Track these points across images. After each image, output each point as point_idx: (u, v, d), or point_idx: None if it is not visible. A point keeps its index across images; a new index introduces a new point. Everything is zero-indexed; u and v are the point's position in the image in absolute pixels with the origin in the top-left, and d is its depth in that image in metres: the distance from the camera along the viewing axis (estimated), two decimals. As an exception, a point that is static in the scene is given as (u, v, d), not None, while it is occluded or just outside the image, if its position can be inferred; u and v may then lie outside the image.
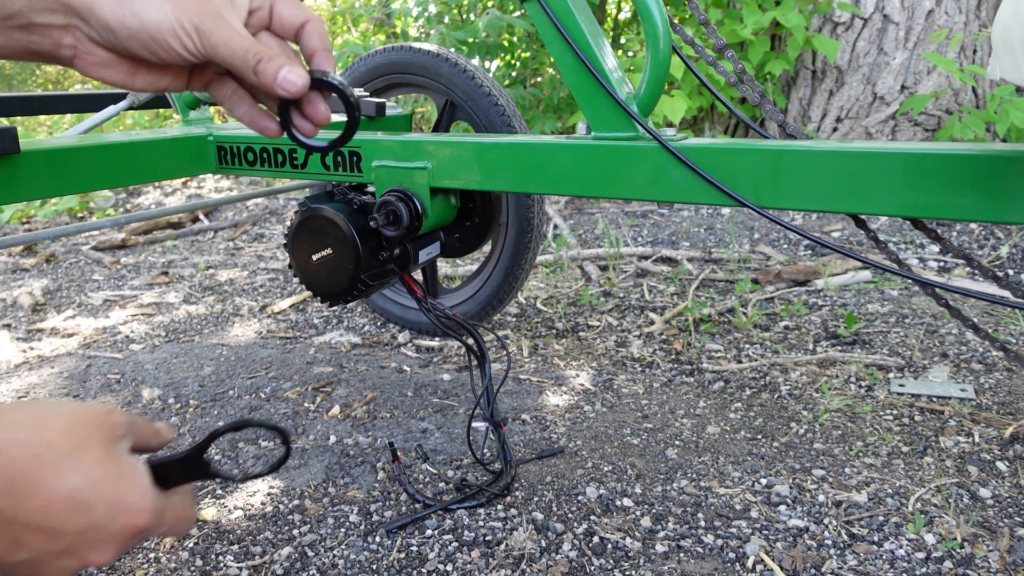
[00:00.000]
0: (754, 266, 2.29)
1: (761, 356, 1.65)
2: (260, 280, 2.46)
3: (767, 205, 0.97)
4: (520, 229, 1.60)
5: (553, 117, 3.45)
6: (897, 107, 3.01)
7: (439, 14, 3.76)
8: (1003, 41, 0.69)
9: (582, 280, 2.26)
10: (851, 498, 1.12)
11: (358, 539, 1.06)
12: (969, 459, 1.22)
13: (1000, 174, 0.84)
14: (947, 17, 2.96)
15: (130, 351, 1.85)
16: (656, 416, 1.40)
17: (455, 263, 2.35)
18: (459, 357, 1.72)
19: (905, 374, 1.53)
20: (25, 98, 1.51)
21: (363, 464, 1.25)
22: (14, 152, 1.11)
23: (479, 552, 1.02)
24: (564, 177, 1.11)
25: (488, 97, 1.54)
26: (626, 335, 1.81)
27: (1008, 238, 2.37)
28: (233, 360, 1.74)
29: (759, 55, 3.05)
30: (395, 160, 1.24)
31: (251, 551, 1.05)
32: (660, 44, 1.06)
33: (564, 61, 1.11)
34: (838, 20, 3.08)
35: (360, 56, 1.76)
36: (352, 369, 1.66)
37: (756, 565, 0.98)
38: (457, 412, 1.44)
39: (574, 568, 0.99)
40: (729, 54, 1.19)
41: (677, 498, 1.13)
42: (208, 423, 1.43)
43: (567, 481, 1.18)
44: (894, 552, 1.00)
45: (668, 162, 1.02)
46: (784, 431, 1.33)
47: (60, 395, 1.59)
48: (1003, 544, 1.00)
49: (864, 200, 0.92)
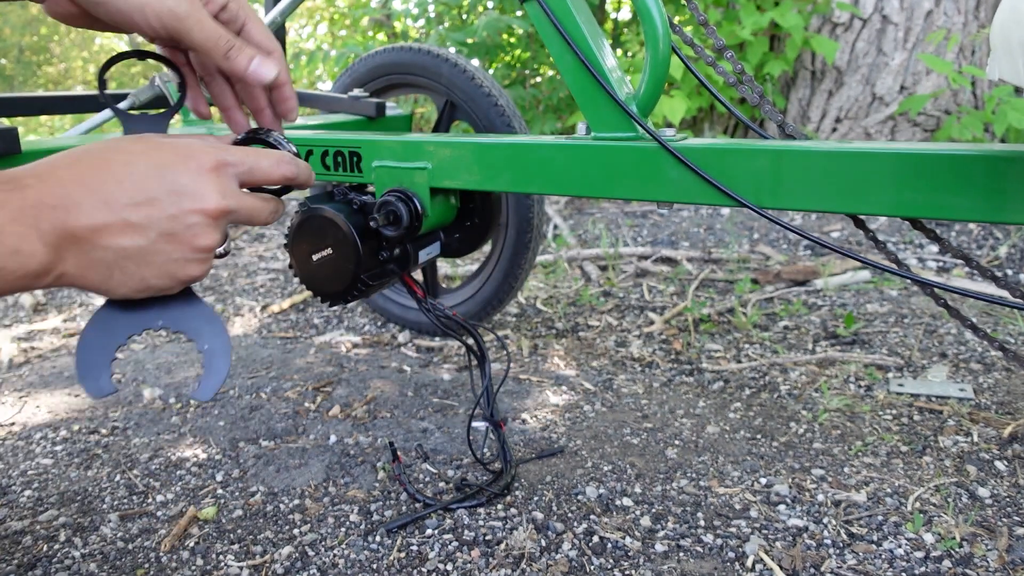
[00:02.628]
0: (754, 266, 2.30)
1: (761, 356, 1.66)
2: (260, 280, 2.46)
3: (766, 205, 0.98)
4: (520, 229, 1.61)
5: (553, 117, 3.46)
6: (896, 107, 3.01)
7: (439, 15, 3.76)
8: (1001, 41, 0.70)
9: (582, 280, 2.26)
10: (850, 497, 1.12)
11: (358, 538, 1.06)
12: (968, 459, 1.22)
13: (999, 174, 0.84)
14: (946, 18, 2.97)
15: (130, 351, 1.85)
16: (656, 416, 1.40)
17: (455, 263, 2.36)
18: (459, 357, 1.72)
19: (904, 374, 1.53)
20: (26, 99, 1.51)
21: (363, 464, 1.26)
22: (15, 152, 1.11)
23: (479, 551, 1.02)
24: (564, 177, 1.11)
25: (488, 97, 1.55)
26: (626, 335, 1.82)
27: (1007, 238, 2.37)
28: (233, 360, 1.75)
29: (758, 56, 3.05)
30: (395, 160, 1.25)
31: (251, 550, 1.05)
32: (659, 44, 1.06)
33: (563, 61, 1.12)
34: (837, 21, 3.08)
35: (360, 56, 1.76)
36: (352, 369, 1.66)
37: (755, 564, 0.99)
38: (457, 412, 1.44)
39: (574, 567, 0.99)
40: (728, 55, 1.19)
41: (677, 498, 1.14)
42: (209, 423, 1.43)
43: (567, 481, 1.18)
44: (893, 551, 1.00)
45: (668, 162, 1.02)
46: (783, 431, 1.33)
47: (60, 395, 1.59)
48: (1002, 543, 1.01)
49: (863, 200, 0.92)
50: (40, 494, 1.21)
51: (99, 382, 0.63)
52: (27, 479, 1.26)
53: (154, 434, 1.40)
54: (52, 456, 1.34)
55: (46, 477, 1.27)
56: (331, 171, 1.32)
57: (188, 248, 0.59)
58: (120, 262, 0.56)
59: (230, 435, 1.38)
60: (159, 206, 0.56)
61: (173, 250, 0.58)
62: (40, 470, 1.29)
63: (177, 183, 0.57)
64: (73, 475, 1.27)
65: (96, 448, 1.36)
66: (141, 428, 1.43)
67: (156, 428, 1.42)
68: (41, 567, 1.03)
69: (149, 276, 0.59)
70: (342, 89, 1.77)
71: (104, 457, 1.32)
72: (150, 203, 0.56)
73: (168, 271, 0.59)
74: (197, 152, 0.59)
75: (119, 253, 0.56)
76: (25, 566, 1.03)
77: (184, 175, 0.58)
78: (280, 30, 1.82)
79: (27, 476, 1.27)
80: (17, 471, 1.29)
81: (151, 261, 0.58)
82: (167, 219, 0.57)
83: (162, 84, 1.55)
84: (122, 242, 0.56)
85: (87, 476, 1.26)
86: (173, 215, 0.57)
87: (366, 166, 1.29)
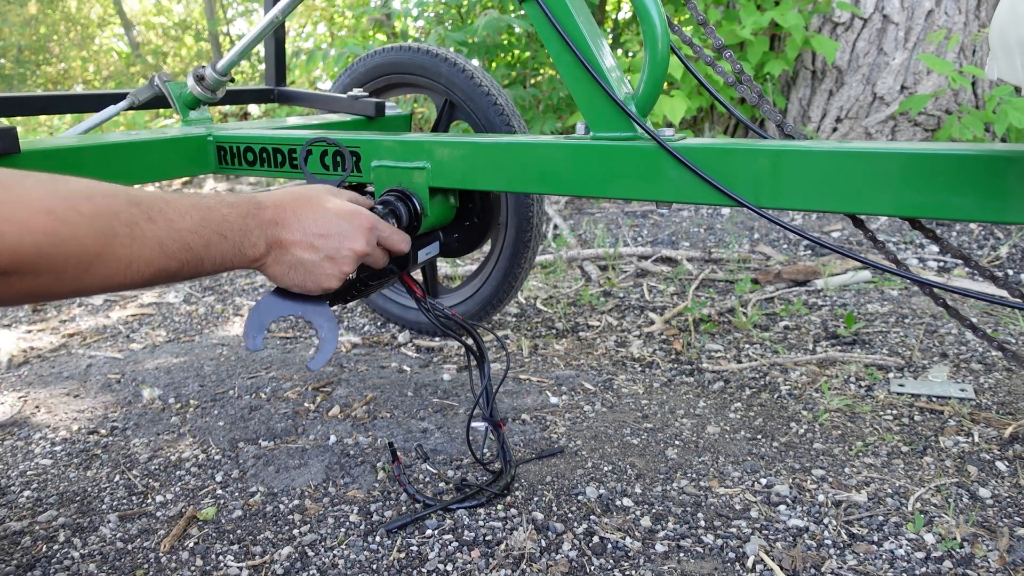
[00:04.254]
0: (754, 266, 2.29)
1: (761, 356, 1.65)
2: (260, 280, 2.46)
3: (766, 205, 0.97)
4: (519, 229, 1.60)
5: (552, 117, 3.46)
6: (897, 107, 3.01)
7: (439, 15, 3.76)
8: (1001, 41, 0.70)
9: (582, 280, 2.26)
10: (851, 498, 1.12)
11: (358, 539, 1.06)
12: (969, 459, 1.22)
13: (999, 174, 0.84)
14: (947, 17, 2.97)
15: (130, 351, 1.85)
16: (656, 416, 1.40)
17: (455, 263, 2.35)
18: (459, 357, 1.72)
19: (905, 374, 1.53)
20: (25, 98, 1.51)
21: (363, 464, 1.26)
22: (14, 152, 1.11)
23: (479, 552, 1.02)
24: (563, 177, 1.11)
25: (487, 97, 1.55)
26: (626, 335, 1.81)
27: (1007, 238, 2.37)
28: (233, 360, 1.74)
29: (758, 55, 3.05)
30: (394, 160, 1.25)
31: (251, 551, 1.05)
32: (659, 44, 1.06)
33: (563, 61, 1.12)
34: (838, 20, 3.08)
35: (360, 56, 1.76)
36: (352, 369, 1.66)
37: (756, 565, 0.98)
38: (457, 412, 1.44)
39: (574, 568, 0.99)
40: (728, 54, 1.19)
41: (677, 498, 1.14)
42: (208, 423, 1.43)
43: (567, 481, 1.18)
44: (894, 552, 1.00)
45: (667, 162, 1.02)
46: (784, 431, 1.33)
47: (60, 395, 1.59)
48: (1003, 544, 1.01)
49: (863, 200, 0.92)
50: (39, 494, 1.21)
51: (256, 340, 0.96)
52: (26, 479, 1.26)
53: (153, 434, 1.40)
54: (51, 456, 1.34)
55: (45, 477, 1.27)
56: (330, 171, 1.32)
57: (337, 269, 0.93)
58: (297, 266, 0.91)
59: (230, 435, 1.37)
60: (331, 240, 0.92)
61: (328, 268, 0.92)
62: (39, 470, 1.29)
63: (344, 228, 0.93)
64: (72, 475, 1.27)
65: (95, 448, 1.36)
66: (140, 428, 1.42)
67: (156, 428, 1.42)
68: (40, 568, 1.02)
69: (308, 280, 0.93)
70: (341, 89, 1.77)
71: (103, 457, 1.32)
72: (327, 237, 0.91)
73: (319, 280, 0.93)
74: (361, 214, 0.96)
75: (299, 260, 0.91)
76: (24, 567, 1.03)
77: (350, 226, 0.94)
78: (280, 29, 1.82)
79: (26, 476, 1.27)
80: (16, 471, 1.29)
81: (313, 271, 0.92)
82: (333, 249, 0.92)
83: (161, 84, 1.55)
84: (303, 255, 0.91)
85: (86, 476, 1.26)
86: (336, 247, 0.92)
87: (365, 166, 1.28)
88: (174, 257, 0.75)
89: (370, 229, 0.96)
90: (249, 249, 0.85)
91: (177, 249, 0.75)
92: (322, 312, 0.99)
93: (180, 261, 0.76)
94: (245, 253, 0.85)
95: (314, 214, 0.91)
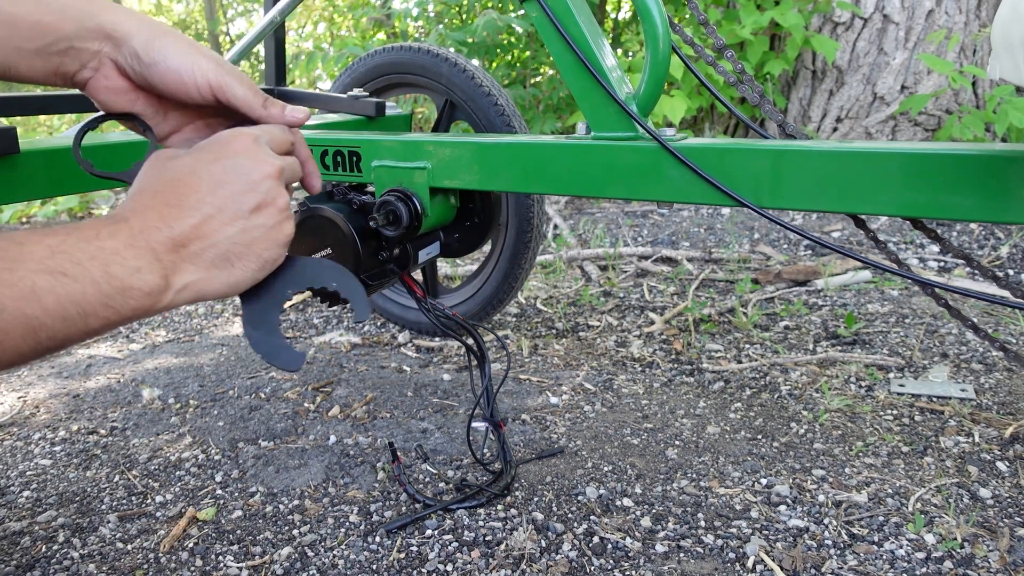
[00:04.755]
0: (754, 266, 2.29)
1: (761, 356, 1.65)
2: (260, 280, 2.45)
3: (767, 205, 0.97)
4: (520, 229, 1.60)
5: (553, 117, 3.46)
6: (897, 107, 3.01)
7: (438, 14, 3.76)
8: (1002, 41, 0.69)
9: (582, 280, 2.26)
10: (851, 498, 1.12)
11: (358, 539, 1.06)
12: (969, 459, 1.22)
13: (1000, 174, 0.83)
14: (947, 17, 2.97)
15: (130, 351, 1.85)
16: (656, 416, 1.40)
17: (455, 263, 2.35)
18: (459, 357, 1.72)
19: (905, 374, 1.53)
20: (25, 98, 1.51)
21: (363, 464, 1.25)
22: (14, 152, 1.11)
23: (479, 552, 1.02)
24: (564, 177, 1.11)
25: (488, 97, 1.54)
26: (626, 335, 1.81)
27: (1008, 238, 2.37)
28: (233, 360, 1.74)
29: (758, 55, 3.05)
30: (395, 160, 1.24)
31: (251, 551, 1.05)
32: (659, 44, 1.06)
33: (563, 61, 1.11)
34: (838, 20, 3.08)
35: (360, 56, 1.76)
36: (352, 369, 1.66)
37: (756, 565, 0.98)
38: (457, 412, 1.44)
39: (574, 568, 0.99)
40: (728, 54, 1.19)
41: (677, 498, 1.13)
42: (208, 423, 1.43)
43: (567, 481, 1.18)
44: (894, 552, 1.00)
45: (668, 162, 1.02)
46: (784, 431, 1.33)
47: (59, 395, 1.59)
48: (1003, 544, 1.00)
49: (864, 200, 0.92)
50: (39, 495, 1.21)
51: (285, 358, 0.70)
52: (26, 480, 1.26)
53: (153, 434, 1.40)
54: (51, 457, 1.33)
55: (45, 478, 1.26)
56: (331, 171, 1.32)
57: (275, 210, 0.65)
58: (234, 248, 0.62)
59: (229, 435, 1.37)
60: (233, 186, 0.63)
61: (267, 217, 0.64)
62: (39, 471, 1.29)
63: (236, 164, 0.64)
64: (72, 476, 1.27)
65: (95, 448, 1.35)
66: (140, 428, 1.42)
67: (155, 428, 1.42)
68: (40, 568, 1.02)
69: (260, 249, 0.64)
70: (342, 89, 1.77)
71: (103, 457, 1.32)
72: (224, 186, 0.63)
73: (272, 237, 0.65)
74: (232, 138, 0.67)
75: (228, 240, 0.62)
76: (24, 567, 1.03)
77: (236, 157, 0.65)
78: (280, 29, 1.82)
79: (26, 477, 1.27)
80: (16, 472, 1.29)
81: (256, 235, 0.64)
82: (247, 194, 0.63)
83: None
84: (225, 229, 0.62)
85: (86, 477, 1.26)
86: (249, 188, 0.64)
87: (365, 166, 1.28)
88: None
89: (255, 140, 0.68)
90: (136, 279, 0.55)
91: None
92: (314, 266, 0.75)
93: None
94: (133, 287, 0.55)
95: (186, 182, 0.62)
